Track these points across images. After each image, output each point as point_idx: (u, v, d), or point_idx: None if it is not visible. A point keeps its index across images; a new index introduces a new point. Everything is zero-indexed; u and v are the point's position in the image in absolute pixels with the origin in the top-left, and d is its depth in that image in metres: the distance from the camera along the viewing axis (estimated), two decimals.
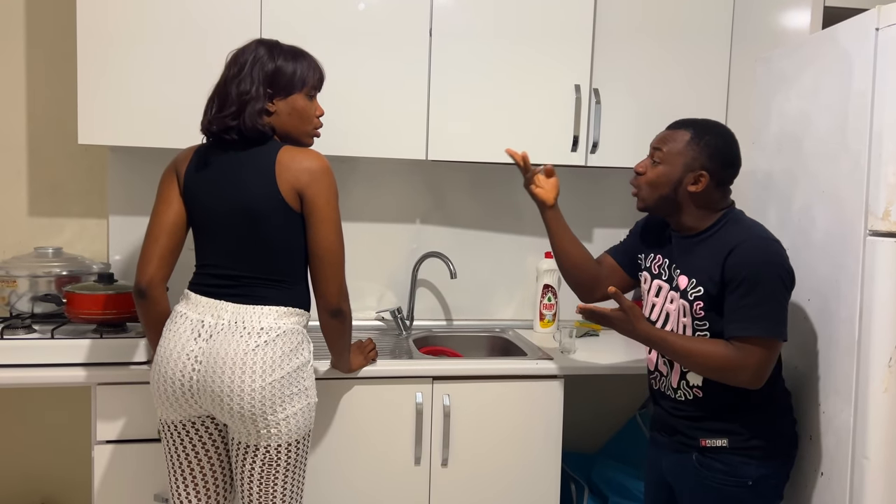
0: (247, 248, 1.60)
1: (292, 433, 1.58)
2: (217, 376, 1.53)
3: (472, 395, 2.02)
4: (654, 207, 1.69)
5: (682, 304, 1.63)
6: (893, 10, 1.49)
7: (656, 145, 1.67)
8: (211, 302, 1.59)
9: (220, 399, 1.53)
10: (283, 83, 1.60)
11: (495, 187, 2.59)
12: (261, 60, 1.59)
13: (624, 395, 2.58)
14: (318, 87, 1.68)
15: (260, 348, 1.53)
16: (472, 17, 2.19)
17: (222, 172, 1.61)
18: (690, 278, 1.62)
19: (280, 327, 1.57)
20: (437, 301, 2.59)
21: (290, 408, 1.56)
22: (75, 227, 2.37)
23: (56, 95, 2.29)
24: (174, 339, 1.58)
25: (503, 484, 2.06)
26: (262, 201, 1.57)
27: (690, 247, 1.65)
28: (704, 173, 1.60)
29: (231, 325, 1.56)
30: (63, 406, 2.38)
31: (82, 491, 2.39)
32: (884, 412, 1.50)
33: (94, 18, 1.99)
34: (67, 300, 1.92)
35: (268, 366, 1.53)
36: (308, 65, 1.64)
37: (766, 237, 1.58)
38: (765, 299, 1.51)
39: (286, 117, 1.62)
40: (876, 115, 1.51)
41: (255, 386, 1.51)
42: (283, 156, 1.57)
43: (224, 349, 1.53)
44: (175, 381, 1.57)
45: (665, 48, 2.33)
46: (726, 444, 1.59)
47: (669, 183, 1.63)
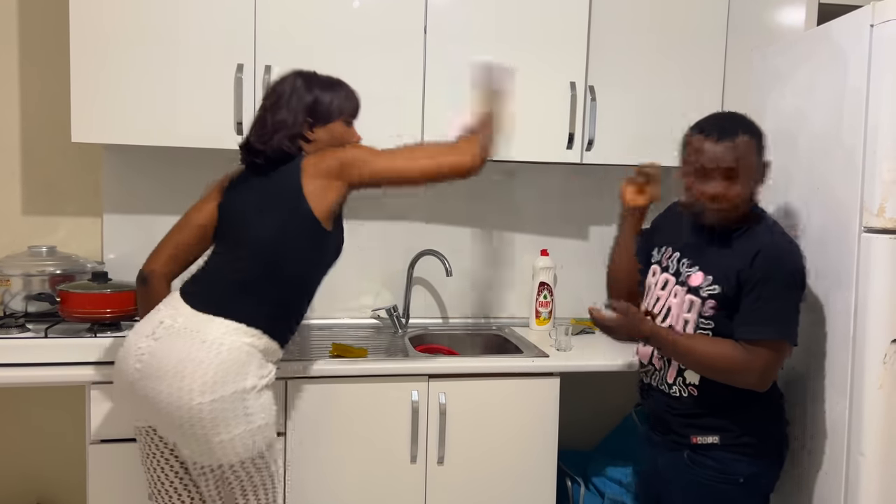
0: (242, 257, 1.60)
1: (233, 455, 1.49)
2: (151, 381, 1.48)
3: (468, 393, 2.02)
4: (733, 222, 1.59)
5: (690, 299, 1.60)
6: (888, 6, 1.49)
7: (725, 164, 1.52)
8: (178, 302, 1.57)
9: (152, 406, 1.49)
10: (321, 112, 1.66)
11: (491, 185, 2.58)
12: (297, 92, 1.65)
13: (620, 392, 2.58)
14: (354, 115, 1.74)
15: (200, 363, 1.47)
16: (466, 15, 2.19)
17: (252, 188, 1.66)
18: (707, 275, 1.58)
19: (224, 344, 1.49)
20: (433, 299, 2.59)
21: (225, 433, 1.47)
22: (69, 226, 2.36)
23: (50, 93, 2.28)
24: (134, 332, 1.57)
25: (499, 481, 2.06)
26: (284, 212, 1.59)
27: (715, 243, 1.60)
28: (768, 162, 1.58)
29: (181, 329, 1.51)
30: (57, 405, 2.37)
31: (77, 490, 2.38)
32: (879, 408, 1.50)
33: (88, 16, 1.99)
34: (61, 299, 1.91)
35: (198, 384, 1.45)
36: (345, 95, 1.71)
37: (786, 239, 1.57)
38: (775, 301, 1.50)
39: (327, 144, 1.67)
40: (871, 111, 1.51)
41: (182, 404, 1.45)
42: (307, 161, 1.61)
43: (165, 353, 1.49)
44: (121, 376, 1.56)
45: (660, 45, 2.33)
46: (717, 441, 1.58)
47: (749, 196, 1.57)
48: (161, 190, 2.37)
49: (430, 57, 2.17)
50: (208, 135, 2.07)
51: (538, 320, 2.52)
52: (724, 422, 1.58)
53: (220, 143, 2.08)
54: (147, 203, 2.37)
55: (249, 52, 2.07)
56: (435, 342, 2.43)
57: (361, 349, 2.10)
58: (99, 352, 1.86)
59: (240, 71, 2.06)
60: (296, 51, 2.08)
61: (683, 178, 1.61)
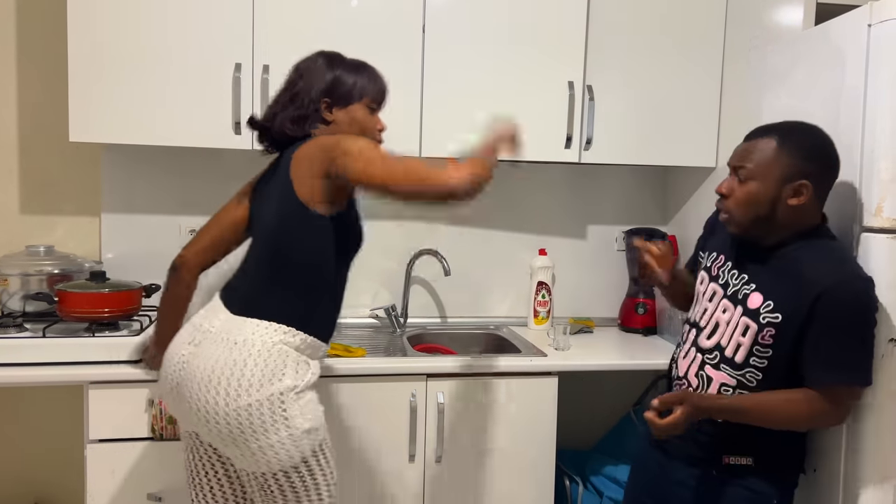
0: (261, 253, 1.57)
1: (275, 463, 1.43)
2: (189, 387, 1.45)
3: (466, 393, 2.02)
4: (749, 229, 1.49)
5: (746, 323, 1.47)
6: (886, 6, 1.49)
7: (738, 162, 1.47)
8: (217, 305, 1.54)
9: (191, 413, 1.46)
10: (341, 93, 1.57)
11: (490, 184, 2.58)
12: (318, 70, 1.58)
13: (618, 391, 2.58)
14: (379, 100, 1.63)
15: (236, 366, 1.42)
16: (465, 15, 2.19)
17: (267, 179, 1.62)
18: (767, 299, 1.45)
19: (255, 345, 1.44)
20: (432, 298, 2.59)
21: (264, 439, 1.41)
22: (67, 225, 2.35)
23: (47, 92, 2.28)
24: (176, 340, 1.54)
25: (498, 481, 2.06)
26: (282, 202, 1.51)
27: (776, 263, 1.48)
28: (806, 182, 1.41)
29: (217, 333, 1.47)
30: (55, 405, 2.37)
31: (75, 490, 2.38)
32: (876, 407, 1.50)
33: (85, 16, 1.98)
34: (59, 299, 1.91)
35: (233, 388, 1.41)
36: (369, 77, 1.61)
37: (854, 272, 1.44)
38: (846, 343, 1.40)
39: (346, 127, 1.58)
40: (868, 111, 1.51)
41: (219, 409, 1.41)
42: (297, 152, 1.51)
43: (203, 358, 1.45)
44: (164, 383, 1.53)
45: (658, 44, 2.33)
46: (751, 464, 1.49)
47: (765, 200, 1.43)
48: (159, 189, 2.37)
49: (428, 56, 2.17)
50: (206, 134, 2.07)
51: (536, 320, 2.52)
52: (758, 441, 1.48)
53: (217, 143, 2.08)
54: (145, 202, 2.36)
55: (247, 52, 2.06)
56: (433, 341, 2.43)
57: (360, 348, 2.10)
58: (97, 352, 1.86)
59: (238, 70, 2.05)
60: (294, 50, 2.06)
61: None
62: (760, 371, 1.47)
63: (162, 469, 1.87)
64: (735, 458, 1.49)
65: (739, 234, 1.52)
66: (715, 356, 1.53)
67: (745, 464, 1.49)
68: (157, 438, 1.87)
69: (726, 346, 1.50)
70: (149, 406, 1.86)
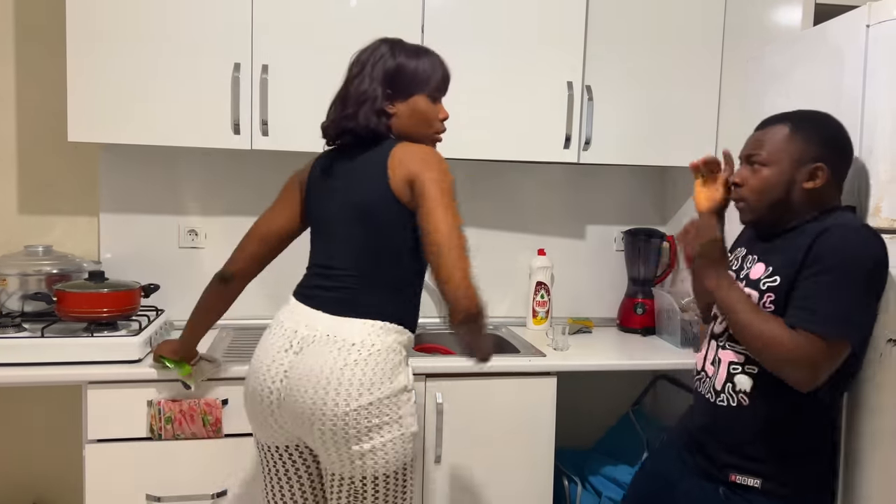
0: (353, 247, 1.50)
1: (380, 466, 1.41)
2: (300, 393, 1.41)
3: (465, 393, 2.02)
4: (765, 215, 1.48)
5: (748, 293, 1.45)
6: (884, 6, 1.49)
7: (751, 150, 1.49)
8: (308, 311, 1.49)
9: (303, 419, 1.42)
10: (404, 82, 1.51)
11: (488, 184, 2.59)
12: (383, 58, 1.51)
13: (617, 391, 2.59)
14: (442, 88, 1.57)
15: (349, 367, 1.39)
16: (464, 15, 2.19)
17: (337, 174, 1.55)
18: (768, 266, 1.45)
19: (375, 344, 1.42)
20: (430, 298, 2.59)
21: (378, 438, 1.40)
22: (66, 225, 2.35)
23: (46, 92, 2.28)
24: (266, 350, 1.49)
25: (497, 481, 2.06)
26: (373, 198, 1.46)
27: (783, 237, 1.48)
28: (821, 165, 1.42)
29: (324, 337, 1.43)
30: (54, 405, 2.37)
31: (74, 490, 2.38)
32: (873, 406, 1.50)
33: (84, 15, 1.98)
34: (58, 298, 1.91)
35: (354, 388, 1.38)
36: (432, 64, 1.54)
37: (854, 226, 1.39)
38: (829, 291, 1.34)
39: (407, 119, 1.52)
40: (867, 111, 1.51)
41: (338, 411, 1.38)
42: (397, 150, 1.47)
43: (312, 363, 1.41)
44: (262, 397, 1.48)
45: (657, 45, 2.33)
46: (758, 486, 1.43)
47: (780, 184, 1.44)
48: (158, 189, 2.37)
49: None
50: (205, 134, 2.07)
51: (535, 320, 2.53)
52: (769, 466, 1.43)
53: (216, 143, 2.08)
54: (144, 202, 2.36)
55: (246, 51, 2.06)
56: (432, 342, 2.43)
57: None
58: (95, 352, 1.86)
59: (237, 70, 2.05)
60: (293, 50, 2.08)
61: None
62: None
63: (161, 469, 1.87)
64: (742, 478, 1.45)
65: (754, 221, 1.52)
66: (724, 337, 1.52)
67: (752, 485, 1.44)
68: (156, 438, 1.86)
69: None
70: (147, 406, 1.85)
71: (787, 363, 1.35)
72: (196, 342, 1.78)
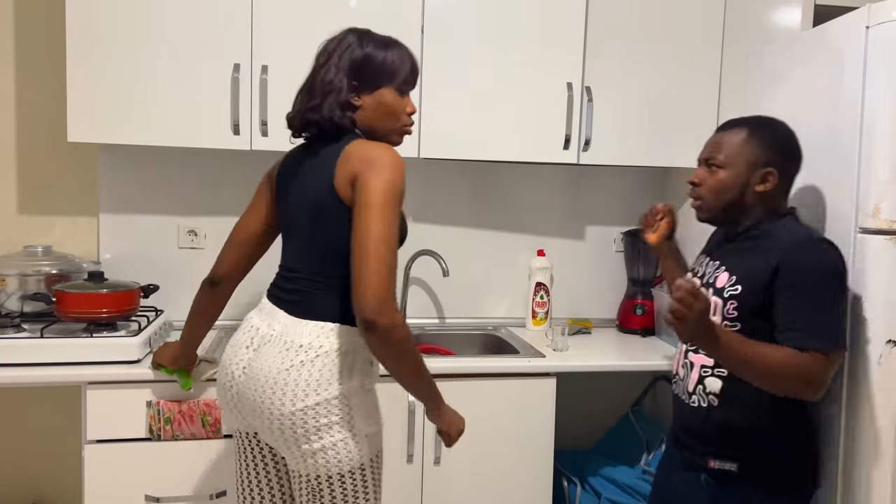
0: (307, 248, 1.48)
1: (333, 465, 1.39)
2: (252, 391, 1.42)
3: (464, 394, 2.01)
4: (719, 215, 1.57)
5: (714, 301, 1.51)
6: (884, 8, 1.49)
7: (709, 153, 1.57)
8: (273, 309, 1.49)
9: (256, 415, 1.43)
10: (371, 74, 1.45)
11: (488, 185, 2.59)
12: (350, 48, 1.46)
13: (616, 392, 2.59)
14: (410, 81, 1.51)
15: (294, 368, 1.39)
16: (463, 15, 2.19)
17: (298, 171, 1.51)
18: (731, 275, 1.51)
19: (323, 346, 1.40)
20: (430, 299, 2.59)
21: (328, 437, 1.38)
22: (65, 226, 2.35)
23: (46, 93, 2.28)
24: (233, 344, 1.52)
25: (496, 482, 2.06)
26: (318, 197, 1.42)
27: (741, 244, 1.55)
28: (772, 169, 1.51)
29: (277, 338, 1.44)
30: (53, 406, 2.37)
31: (73, 491, 2.38)
32: (874, 409, 1.51)
33: (84, 15, 1.98)
34: (57, 299, 1.91)
35: (300, 388, 1.38)
36: (401, 56, 1.48)
37: (809, 238, 1.48)
38: (811, 309, 1.41)
39: (372, 112, 1.47)
40: (866, 112, 1.51)
41: (284, 410, 1.38)
42: (350, 147, 1.41)
43: (263, 363, 1.42)
44: (225, 389, 1.50)
45: (657, 45, 2.33)
46: (735, 470, 1.49)
47: (735, 186, 1.52)
48: (157, 190, 2.37)
49: (426, 57, 2.17)
50: (205, 135, 2.07)
51: (535, 320, 2.53)
52: (744, 450, 1.49)
53: (216, 143, 2.08)
54: (143, 203, 2.36)
55: (246, 52, 2.06)
56: (431, 342, 2.43)
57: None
58: (95, 352, 1.86)
59: (236, 70, 2.05)
60: (292, 50, 2.08)
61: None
62: None
63: (160, 470, 1.87)
64: (720, 463, 1.50)
65: (709, 220, 1.60)
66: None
67: (728, 469, 1.49)
68: (155, 439, 1.86)
69: None
70: (147, 407, 1.85)
71: (799, 384, 1.41)
72: (195, 347, 1.78)
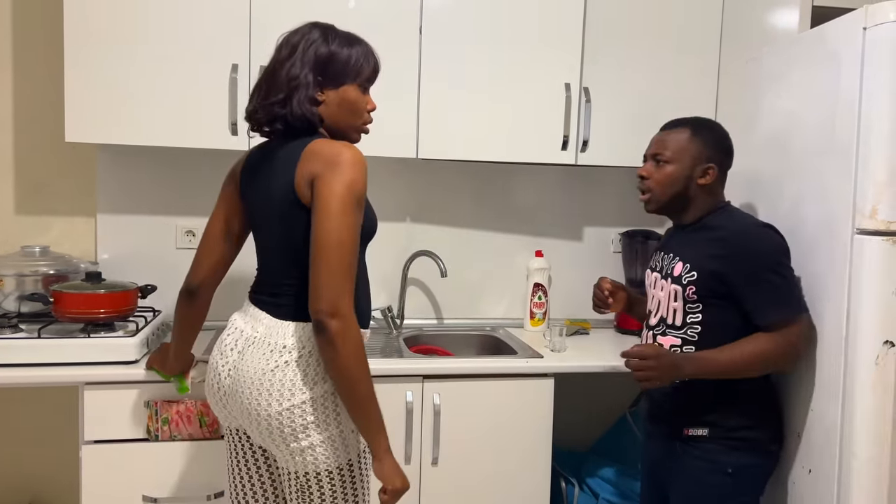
0: (276, 250, 1.48)
1: (321, 462, 1.40)
2: (240, 394, 1.44)
3: (462, 394, 2.02)
4: (666, 206, 1.73)
5: (674, 288, 1.68)
6: (881, 9, 1.49)
7: (656, 150, 1.72)
8: (255, 312, 1.49)
9: (244, 415, 1.45)
10: (335, 70, 1.45)
11: (486, 186, 2.59)
12: (315, 43, 1.45)
13: (614, 393, 2.59)
14: (372, 79, 1.52)
15: (279, 369, 1.40)
16: (462, 16, 2.19)
17: (260, 171, 1.50)
18: (686, 263, 1.67)
19: (305, 346, 1.41)
20: (428, 300, 2.59)
21: (315, 435, 1.39)
22: (63, 226, 2.35)
23: (43, 92, 2.27)
24: (219, 346, 1.52)
25: (494, 482, 2.06)
26: (280, 196, 1.41)
27: (689, 235, 1.72)
28: (712, 165, 1.68)
29: (261, 339, 1.44)
30: (50, 406, 2.36)
31: (70, 491, 2.37)
32: (871, 409, 1.51)
33: (82, 15, 1.98)
34: (55, 299, 1.90)
35: (286, 388, 1.39)
36: (365, 53, 1.50)
37: (759, 224, 1.67)
38: (772, 285, 1.59)
39: (335, 108, 1.47)
40: (864, 113, 1.52)
41: (270, 411, 1.39)
42: (311, 146, 1.40)
43: (248, 365, 1.43)
44: (213, 391, 1.52)
45: (655, 47, 2.33)
46: (706, 434, 1.64)
47: (681, 180, 1.69)
48: (155, 190, 2.36)
49: (425, 57, 2.17)
50: (203, 135, 2.07)
51: (533, 321, 2.53)
52: (714, 415, 1.64)
53: (214, 144, 2.08)
54: (141, 203, 2.36)
55: (244, 52, 2.06)
56: (429, 343, 2.43)
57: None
58: (92, 352, 1.85)
59: (234, 71, 2.05)
60: None
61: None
62: (698, 324, 1.66)
63: (157, 470, 1.87)
64: (693, 430, 1.66)
65: (657, 211, 1.75)
66: (661, 327, 1.73)
67: (701, 434, 1.65)
68: (153, 439, 1.86)
69: (667, 316, 1.71)
70: (144, 407, 1.85)
71: (783, 358, 1.61)
72: (187, 352, 1.76)
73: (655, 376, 1.56)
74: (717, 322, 1.63)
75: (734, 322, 1.62)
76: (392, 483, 1.40)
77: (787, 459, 1.72)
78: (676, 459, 1.69)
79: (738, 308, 1.62)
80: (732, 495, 1.64)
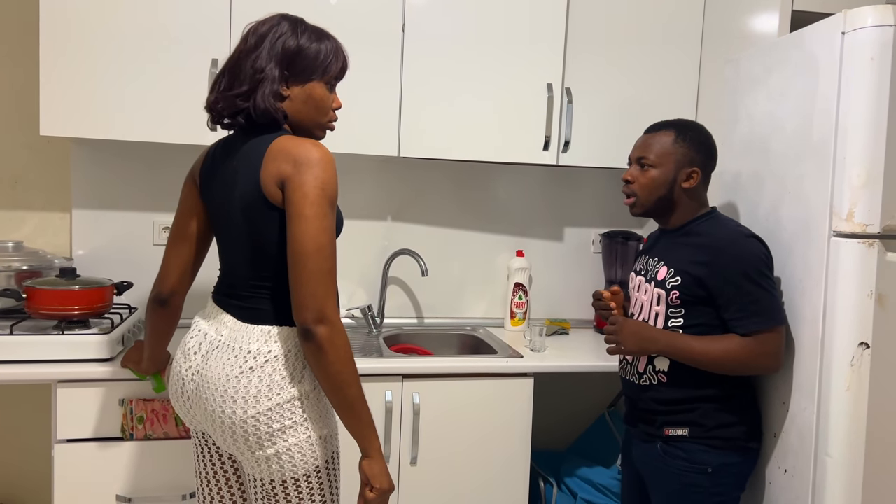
0: (240, 251, 1.42)
1: (287, 470, 1.36)
2: (203, 399, 1.40)
3: (442, 394, 2.02)
4: (651, 210, 1.74)
5: (657, 292, 1.68)
6: (859, 14, 1.51)
7: (641, 153, 1.72)
8: (219, 315, 1.45)
9: (208, 420, 1.40)
10: (303, 66, 1.40)
11: (467, 185, 2.58)
12: (283, 36, 1.40)
13: (593, 393, 2.60)
14: (339, 77, 1.47)
15: (244, 375, 1.35)
16: (444, 15, 2.19)
17: (221, 169, 1.44)
18: (669, 269, 1.68)
19: (272, 351, 1.37)
20: (408, 299, 2.58)
21: (282, 442, 1.35)
22: (37, 221, 2.31)
23: (18, 85, 2.23)
24: (182, 349, 1.47)
25: (473, 482, 2.06)
26: (246, 196, 1.36)
27: (675, 240, 1.72)
28: (696, 168, 1.69)
29: (225, 343, 1.40)
30: (22, 404, 2.33)
31: (42, 491, 2.34)
32: (846, 410, 1.53)
33: (58, 8, 1.95)
34: (27, 295, 1.87)
35: (251, 395, 1.34)
36: (334, 50, 1.44)
37: (745, 234, 1.65)
38: (752, 295, 1.59)
39: (300, 105, 1.42)
40: (841, 117, 1.53)
41: (235, 418, 1.35)
42: (276, 144, 1.35)
43: (212, 370, 1.39)
44: (177, 395, 1.48)
45: (637, 49, 2.35)
46: (686, 434, 1.65)
47: (665, 183, 1.70)
48: (131, 185, 2.33)
49: (407, 56, 2.16)
50: (181, 130, 2.04)
51: (513, 321, 2.53)
52: (694, 415, 1.66)
53: (192, 139, 2.05)
54: (117, 199, 2.33)
55: (224, 47, 2.04)
56: (409, 342, 2.42)
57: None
58: (66, 350, 1.82)
59: (214, 66, 2.03)
60: None
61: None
62: (680, 329, 1.66)
63: (131, 470, 1.84)
64: (673, 430, 1.67)
65: (643, 214, 1.76)
66: None
67: (681, 434, 1.66)
68: (127, 438, 1.84)
69: (649, 319, 1.71)
70: (119, 405, 1.83)
71: (755, 364, 1.62)
72: (162, 354, 1.71)
73: (618, 341, 1.67)
74: (698, 327, 1.64)
75: (715, 328, 1.63)
76: (380, 483, 1.37)
77: (763, 458, 1.73)
78: (657, 460, 1.70)
79: (719, 315, 1.62)
80: (714, 494, 1.65)
